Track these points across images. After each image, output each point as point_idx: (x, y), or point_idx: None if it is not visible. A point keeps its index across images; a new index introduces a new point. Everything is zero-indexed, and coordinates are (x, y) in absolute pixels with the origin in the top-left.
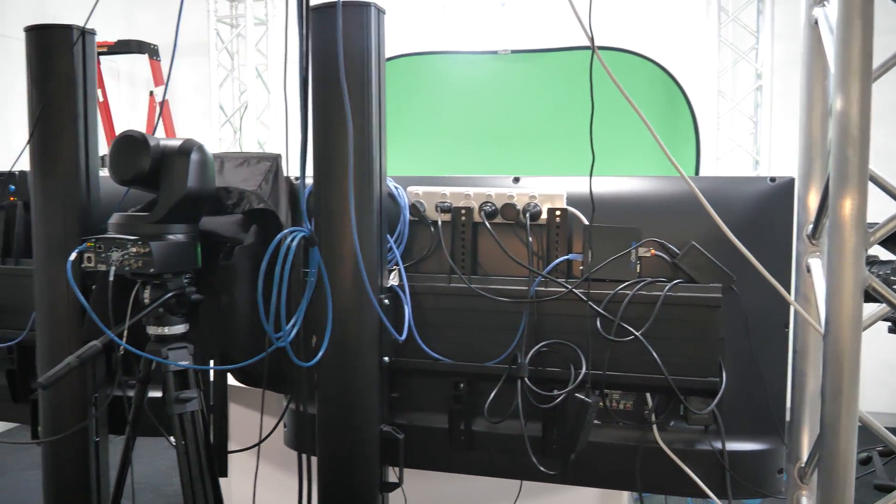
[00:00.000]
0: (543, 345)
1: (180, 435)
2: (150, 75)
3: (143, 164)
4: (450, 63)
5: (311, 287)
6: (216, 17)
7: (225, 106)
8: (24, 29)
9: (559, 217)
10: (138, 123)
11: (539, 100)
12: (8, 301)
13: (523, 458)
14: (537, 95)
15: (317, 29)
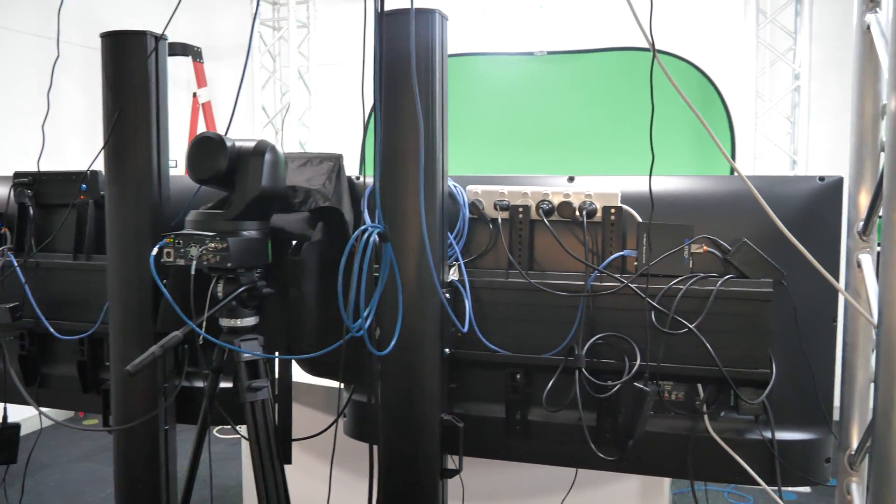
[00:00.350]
0: (599, 337)
1: (252, 422)
2: (191, 76)
3: (221, 164)
4: (486, 64)
5: (383, 280)
6: (259, 20)
7: (267, 107)
8: (100, 35)
9: (614, 215)
10: (181, 124)
11: (575, 101)
12: (79, 295)
13: (578, 446)
14: (573, 96)
15: (386, 33)
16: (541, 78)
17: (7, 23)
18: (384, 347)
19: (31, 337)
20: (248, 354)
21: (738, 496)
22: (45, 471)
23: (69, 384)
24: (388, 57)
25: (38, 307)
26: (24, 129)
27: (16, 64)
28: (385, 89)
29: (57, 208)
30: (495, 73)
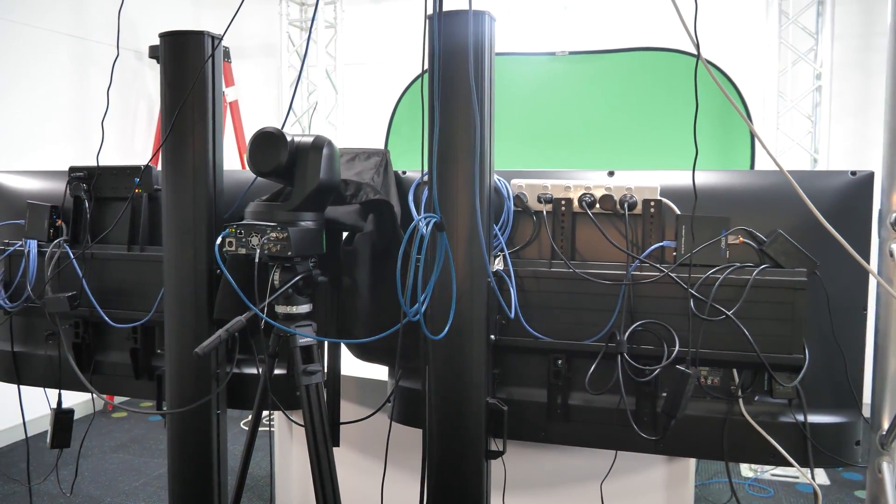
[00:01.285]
0: (640, 324)
1: (307, 404)
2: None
3: (282, 157)
4: (508, 64)
5: (437, 268)
6: (287, 21)
7: (294, 106)
8: (159, 35)
9: (653, 207)
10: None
11: (596, 101)
12: (132, 285)
13: (618, 429)
14: (595, 96)
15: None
16: (562, 78)
17: (40, 22)
18: (436, 333)
19: (85, 325)
20: (305, 339)
21: (758, 488)
22: (79, 460)
23: (121, 371)
24: (442, 56)
25: (93, 297)
26: (56, 126)
27: (49, 63)
28: (439, 87)
29: (110, 201)
30: (517, 73)
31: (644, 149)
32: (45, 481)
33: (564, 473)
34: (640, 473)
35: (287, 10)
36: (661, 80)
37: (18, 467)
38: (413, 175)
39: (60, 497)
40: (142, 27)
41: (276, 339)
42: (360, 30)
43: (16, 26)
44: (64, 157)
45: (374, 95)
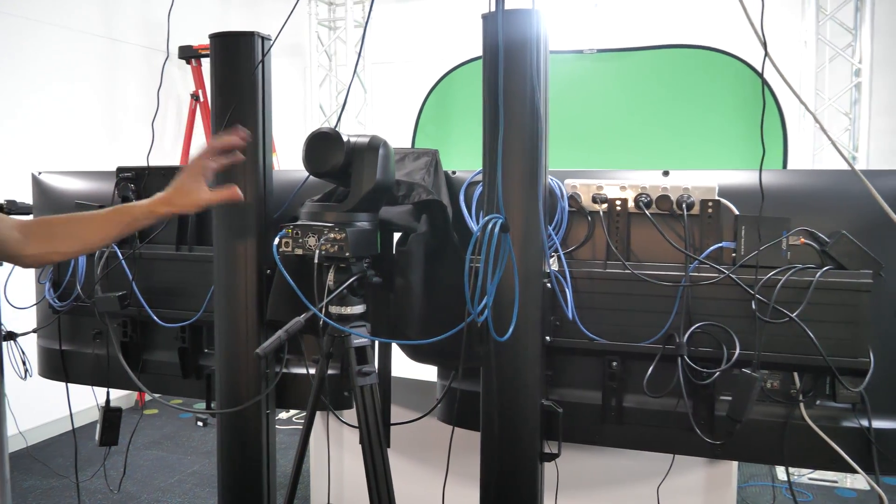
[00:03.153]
0: (699, 326)
1: (361, 405)
2: None
3: (338, 158)
4: None
5: (501, 269)
6: (317, 21)
7: (324, 105)
8: (209, 36)
9: (711, 208)
10: None
11: (624, 99)
12: (180, 285)
13: (675, 432)
14: (623, 95)
15: (490, 30)
16: (590, 76)
17: (71, 23)
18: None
19: (133, 324)
20: (360, 340)
21: (797, 492)
22: (115, 456)
23: (168, 370)
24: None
25: (141, 296)
26: (87, 125)
27: (79, 63)
28: (493, 85)
29: None
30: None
31: (672, 148)
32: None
33: (612, 475)
34: (681, 475)
35: (316, 9)
36: (689, 78)
37: (58, 461)
38: (463, 175)
39: (99, 493)
40: (171, 28)
41: (331, 339)
42: (389, 29)
43: (47, 27)
44: (95, 156)
45: (402, 94)
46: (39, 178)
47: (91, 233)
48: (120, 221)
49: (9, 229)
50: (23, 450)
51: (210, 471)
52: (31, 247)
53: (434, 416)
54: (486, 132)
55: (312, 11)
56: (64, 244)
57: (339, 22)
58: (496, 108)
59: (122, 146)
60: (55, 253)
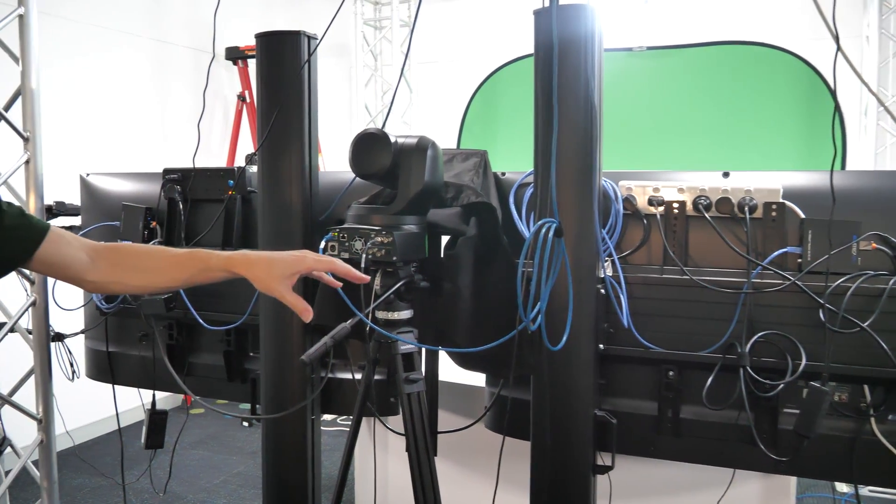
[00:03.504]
0: (762, 335)
1: (408, 414)
2: None
3: (385, 159)
4: None
5: (554, 275)
6: (362, 20)
7: (369, 105)
8: (255, 35)
9: (775, 211)
10: None
11: (675, 96)
12: (226, 287)
13: (734, 445)
14: (673, 93)
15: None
16: (640, 74)
17: (120, 26)
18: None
19: (178, 327)
20: (407, 346)
21: None
22: (161, 456)
23: (213, 372)
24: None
25: (187, 299)
26: (135, 127)
27: (128, 65)
28: (546, 84)
29: (203, 203)
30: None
31: (724, 148)
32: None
33: (666, 486)
34: (736, 486)
35: (361, 9)
36: (742, 75)
37: (104, 460)
38: (513, 176)
39: (145, 492)
40: (218, 30)
41: (377, 345)
42: (434, 28)
43: (96, 30)
44: (143, 158)
45: (447, 94)
46: (87, 179)
47: (160, 272)
48: (193, 267)
49: (77, 250)
50: (70, 449)
51: (254, 472)
52: (95, 272)
53: (481, 423)
54: (538, 132)
55: (358, 11)
56: (129, 277)
57: (384, 21)
58: (550, 107)
59: (171, 147)
60: (118, 283)
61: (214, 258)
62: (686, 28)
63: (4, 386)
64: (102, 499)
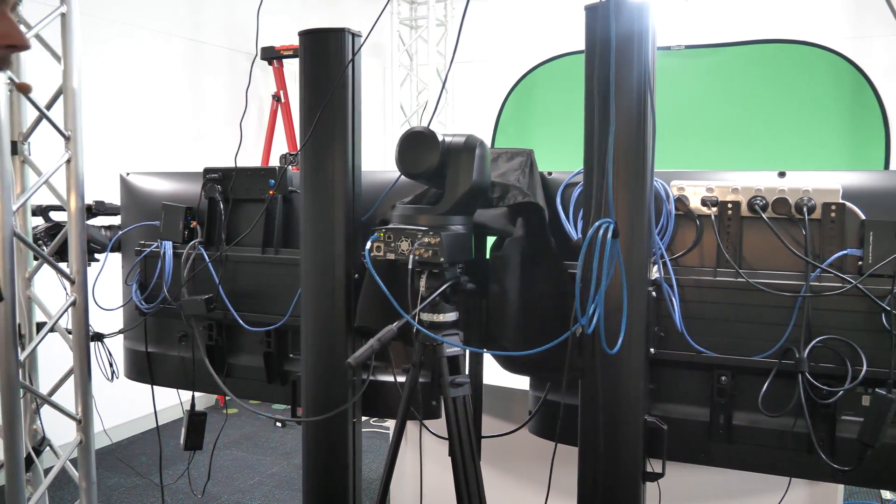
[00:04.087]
0: (820, 339)
1: (454, 418)
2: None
3: (433, 159)
4: None
5: (608, 276)
6: (398, 20)
7: (404, 105)
8: (298, 33)
9: (835, 211)
10: None
11: (714, 95)
12: (266, 288)
13: (789, 453)
14: (714, 92)
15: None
16: (679, 73)
17: (158, 26)
18: (592, 344)
19: (218, 328)
20: (453, 349)
21: None
22: (197, 456)
23: (253, 374)
24: (603, 47)
25: (227, 299)
26: (172, 126)
27: (165, 65)
28: (603, 81)
29: (244, 203)
30: None
31: (765, 147)
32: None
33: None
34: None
35: (398, 8)
36: (783, 74)
37: (141, 460)
38: (560, 176)
39: (181, 492)
40: (252, 29)
41: (422, 348)
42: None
43: (135, 30)
44: (180, 157)
45: (482, 94)
46: (127, 179)
47: None
48: None
49: None
50: (107, 447)
51: (289, 473)
52: None
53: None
54: (590, 130)
55: (394, 10)
56: None
57: (420, 21)
58: (604, 105)
59: (206, 147)
60: None
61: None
62: (724, 27)
63: (44, 385)
64: (139, 499)
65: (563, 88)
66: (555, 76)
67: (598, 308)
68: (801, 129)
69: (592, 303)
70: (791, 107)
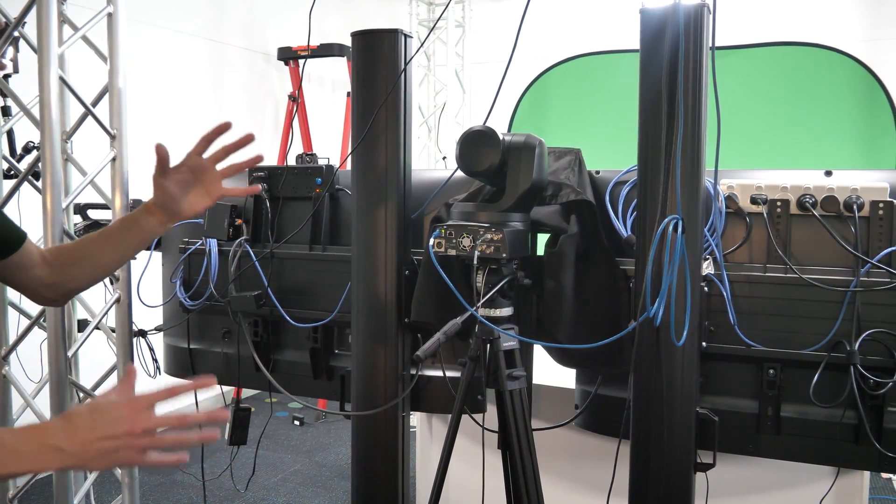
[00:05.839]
0: (869, 333)
1: (511, 411)
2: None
3: (494, 157)
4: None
5: (674, 270)
6: (417, 21)
7: (422, 106)
8: (351, 34)
9: (882, 209)
10: (334, 122)
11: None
12: (313, 285)
13: (837, 444)
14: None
15: (649, 25)
16: None
17: (182, 27)
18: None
19: (264, 324)
20: (509, 343)
21: None
22: (217, 454)
23: (299, 370)
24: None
25: (274, 297)
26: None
27: (188, 66)
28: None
29: (289, 201)
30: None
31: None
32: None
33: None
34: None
35: (416, 9)
36: (798, 76)
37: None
38: (607, 175)
39: (218, 490)
40: (270, 30)
41: (479, 342)
42: (487, 28)
43: (160, 31)
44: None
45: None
46: None
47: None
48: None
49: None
50: None
51: (312, 470)
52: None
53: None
54: (646, 130)
55: (413, 12)
56: (77, 271)
57: (439, 22)
58: (669, 104)
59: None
60: (72, 280)
61: (138, 212)
62: (739, 29)
63: (87, 381)
64: (179, 494)
65: (576, 90)
66: (570, 78)
67: (663, 301)
68: (813, 130)
69: (661, 296)
70: (803, 108)
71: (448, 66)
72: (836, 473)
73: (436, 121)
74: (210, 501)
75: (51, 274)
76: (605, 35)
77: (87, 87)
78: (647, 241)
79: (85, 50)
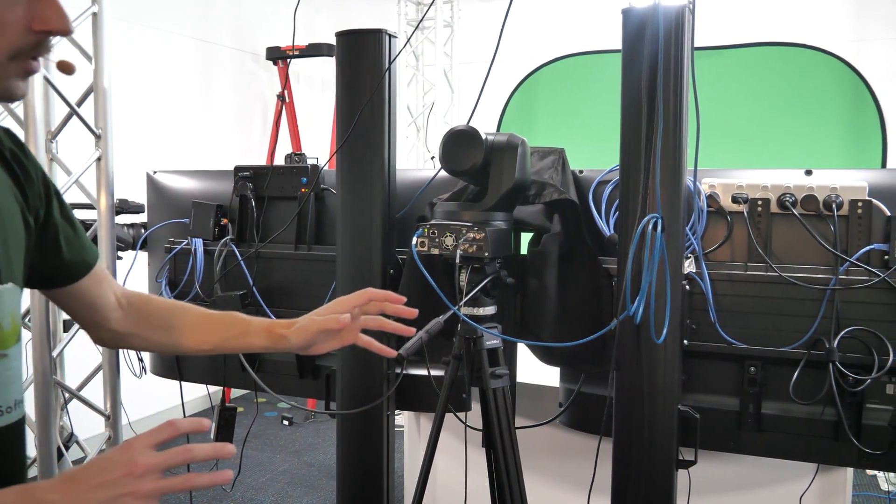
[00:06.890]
0: (848, 331)
1: (493, 409)
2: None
3: (478, 156)
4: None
5: (654, 269)
6: (406, 21)
7: (410, 106)
8: (335, 34)
9: (861, 208)
10: (323, 122)
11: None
12: (298, 284)
13: (817, 440)
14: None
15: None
16: None
17: (169, 27)
18: (636, 335)
19: None
20: (493, 341)
21: None
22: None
23: (284, 369)
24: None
25: (258, 295)
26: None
27: (176, 65)
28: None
29: (274, 201)
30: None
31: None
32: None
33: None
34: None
35: (405, 9)
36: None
37: None
38: (591, 174)
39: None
40: (259, 30)
41: (462, 340)
42: (476, 29)
43: (148, 30)
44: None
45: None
46: (154, 177)
47: (191, 332)
48: (230, 329)
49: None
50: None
51: (300, 470)
52: (120, 322)
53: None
54: (627, 129)
55: (402, 11)
56: (155, 333)
57: (427, 22)
58: (649, 104)
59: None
60: (139, 338)
61: (255, 322)
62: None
63: (72, 381)
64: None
65: (565, 89)
66: (558, 78)
67: (643, 299)
68: (799, 130)
69: (641, 294)
70: (790, 108)
71: (436, 65)
72: (815, 470)
73: (424, 120)
74: (196, 501)
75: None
76: (595, 35)
77: (72, 87)
78: (627, 239)
79: (70, 49)
